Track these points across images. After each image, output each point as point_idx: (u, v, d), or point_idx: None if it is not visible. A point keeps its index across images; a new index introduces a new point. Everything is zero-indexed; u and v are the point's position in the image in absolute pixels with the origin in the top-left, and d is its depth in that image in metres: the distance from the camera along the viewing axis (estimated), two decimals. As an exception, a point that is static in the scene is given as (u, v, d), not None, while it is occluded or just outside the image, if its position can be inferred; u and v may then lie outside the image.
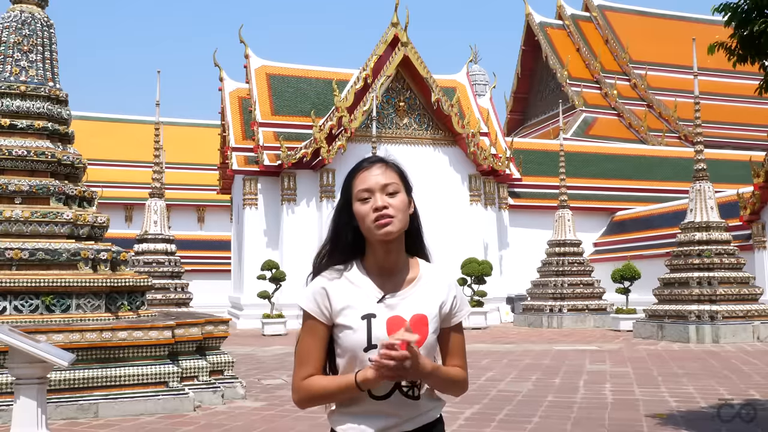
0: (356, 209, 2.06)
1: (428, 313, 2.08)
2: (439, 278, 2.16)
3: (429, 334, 2.06)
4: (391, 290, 2.09)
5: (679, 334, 16.63)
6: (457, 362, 2.17)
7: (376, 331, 2.02)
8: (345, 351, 2.05)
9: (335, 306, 2.06)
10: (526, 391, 9.59)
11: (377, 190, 2.05)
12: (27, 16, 9.31)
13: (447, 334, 2.16)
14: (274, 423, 7.61)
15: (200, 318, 9.35)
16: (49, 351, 5.25)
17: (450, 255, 23.15)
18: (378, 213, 2.02)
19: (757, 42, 6.18)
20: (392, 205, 2.04)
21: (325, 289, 2.08)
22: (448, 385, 2.11)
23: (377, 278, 2.10)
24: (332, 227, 2.15)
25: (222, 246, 31.74)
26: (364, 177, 2.08)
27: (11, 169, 8.84)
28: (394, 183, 2.08)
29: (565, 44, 43.00)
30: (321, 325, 2.08)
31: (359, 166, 2.13)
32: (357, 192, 2.07)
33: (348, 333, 2.03)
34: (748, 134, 38.34)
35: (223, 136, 28.19)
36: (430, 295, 2.12)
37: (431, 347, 2.08)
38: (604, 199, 29.50)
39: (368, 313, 2.04)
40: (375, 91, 23.20)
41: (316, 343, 2.08)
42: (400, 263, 2.13)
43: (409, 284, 2.12)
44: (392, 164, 2.13)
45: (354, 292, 2.07)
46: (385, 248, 2.08)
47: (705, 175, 18.02)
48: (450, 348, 2.17)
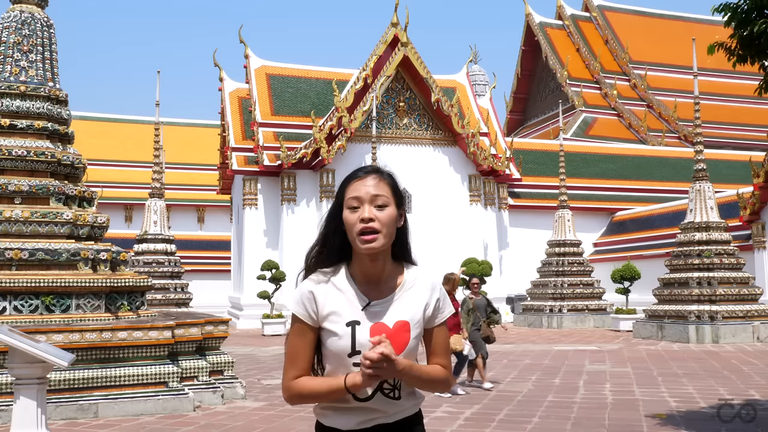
0: (345, 217, 2.12)
1: (411, 319, 2.15)
2: (422, 282, 2.22)
3: (410, 339, 2.13)
4: (376, 297, 2.15)
5: (679, 335, 16.64)
6: (440, 360, 2.24)
7: (360, 337, 2.09)
8: (331, 356, 2.13)
9: (321, 311, 2.13)
10: (526, 391, 9.60)
11: (366, 201, 2.10)
12: (27, 16, 9.31)
13: (430, 335, 2.23)
14: (274, 423, 7.61)
15: (200, 318, 9.34)
16: (48, 351, 5.25)
17: (450, 255, 23.15)
18: (364, 225, 2.07)
19: (757, 42, 6.18)
20: (379, 218, 2.09)
21: (313, 293, 2.14)
22: (427, 383, 2.18)
23: (363, 285, 2.16)
24: (322, 230, 2.22)
25: (222, 246, 31.74)
26: (356, 186, 2.12)
27: (11, 169, 8.84)
28: (384, 196, 2.12)
29: (565, 44, 43.00)
30: (309, 327, 2.15)
31: (354, 175, 2.17)
32: (347, 200, 2.12)
33: (334, 339, 2.11)
34: (748, 134, 38.35)
35: (223, 136, 28.20)
36: (414, 301, 2.18)
37: (413, 351, 2.15)
38: (604, 199, 29.51)
39: (353, 320, 2.11)
40: (375, 91, 23.21)
41: (305, 345, 2.15)
42: (386, 271, 2.19)
43: (393, 291, 2.18)
44: (386, 176, 2.17)
45: (340, 299, 2.14)
46: (371, 257, 2.13)
47: (705, 176, 18.03)
48: (433, 347, 2.24)
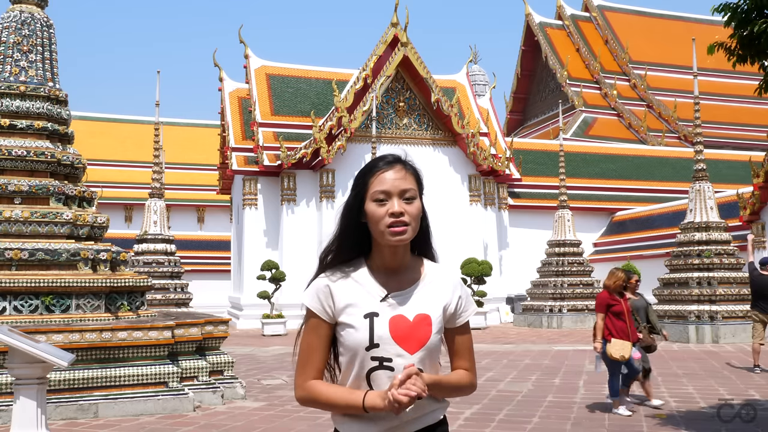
0: (370, 209, 2.03)
1: (431, 314, 2.06)
2: (443, 279, 2.14)
3: (432, 334, 2.04)
4: (395, 289, 2.07)
5: (679, 334, 16.63)
6: (463, 363, 2.16)
7: (378, 329, 2.00)
8: (347, 350, 2.03)
9: (338, 304, 2.04)
10: (526, 391, 9.59)
11: (395, 194, 2.03)
12: (27, 17, 9.31)
13: (453, 335, 2.15)
14: (274, 423, 7.60)
15: (200, 318, 9.34)
16: (48, 351, 5.25)
17: (450, 255, 23.14)
18: (394, 219, 2.01)
19: (756, 42, 6.18)
20: (408, 212, 2.02)
21: (329, 287, 2.06)
22: (452, 391, 2.11)
23: (382, 277, 2.08)
24: (341, 223, 2.11)
25: (222, 246, 31.72)
26: (383, 178, 2.04)
27: (11, 169, 8.84)
28: (412, 189, 2.05)
29: (564, 44, 42.99)
30: (324, 323, 2.06)
31: (376, 166, 2.08)
32: (373, 192, 2.03)
33: (350, 331, 2.02)
34: (747, 134, 38.35)
35: (223, 136, 28.19)
36: (434, 296, 2.10)
37: (435, 348, 2.06)
38: (603, 199, 29.50)
39: (371, 311, 2.02)
40: (375, 91, 23.20)
41: (319, 342, 2.07)
42: (406, 263, 2.11)
43: (413, 284, 2.10)
44: (410, 168, 2.10)
45: (357, 291, 2.05)
46: (393, 250, 2.06)
47: (705, 176, 18.02)
48: (456, 348, 2.16)
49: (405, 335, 2.01)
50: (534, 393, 9.40)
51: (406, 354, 2.00)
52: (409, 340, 2.01)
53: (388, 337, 1.99)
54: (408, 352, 2.00)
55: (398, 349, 2.00)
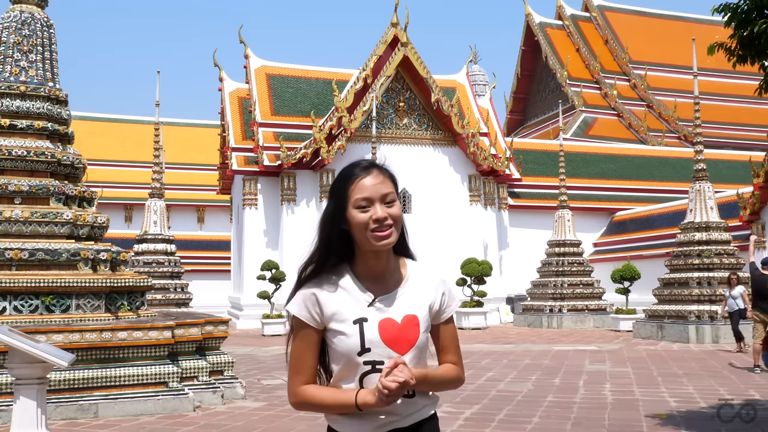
0: (354, 217, 2.05)
1: (418, 313, 2.10)
2: (427, 278, 2.18)
3: (420, 334, 2.08)
4: (381, 292, 2.11)
5: (679, 335, 16.63)
6: (450, 357, 2.20)
7: (368, 334, 2.03)
8: (340, 356, 2.06)
9: (326, 312, 2.07)
10: (526, 391, 9.59)
11: (377, 199, 2.06)
12: (27, 17, 9.31)
13: (438, 330, 2.19)
14: (274, 423, 7.61)
15: (200, 318, 9.34)
16: (48, 351, 5.25)
17: (450, 255, 23.17)
18: (379, 224, 2.03)
19: (756, 42, 6.18)
20: (392, 215, 2.06)
21: (315, 295, 2.09)
22: (440, 385, 2.15)
23: (367, 282, 2.11)
24: (322, 234, 2.14)
25: (222, 246, 31.73)
26: (362, 185, 2.07)
27: (11, 169, 8.84)
28: (392, 192, 2.08)
29: (564, 44, 43.00)
30: (312, 330, 2.09)
31: (353, 173, 2.10)
32: (355, 200, 2.06)
33: (341, 338, 2.04)
34: (747, 134, 38.36)
35: (223, 136, 28.20)
36: (420, 296, 2.14)
37: (423, 347, 2.10)
38: (604, 199, 29.51)
39: (360, 317, 2.05)
40: (375, 91, 23.21)
41: (309, 349, 2.09)
42: (390, 266, 2.15)
43: (397, 285, 2.14)
44: (387, 171, 2.14)
45: (344, 298, 2.08)
46: (377, 254, 2.10)
47: (705, 176, 18.03)
48: (442, 343, 2.20)
49: (395, 337, 2.05)
50: (534, 393, 9.40)
51: (397, 356, 2.04)
52: (399, 341, 2.05)
53: (379, 340, 2.02)
54: (399, 353, 2.04)
55: (389, 352, 2.03)
